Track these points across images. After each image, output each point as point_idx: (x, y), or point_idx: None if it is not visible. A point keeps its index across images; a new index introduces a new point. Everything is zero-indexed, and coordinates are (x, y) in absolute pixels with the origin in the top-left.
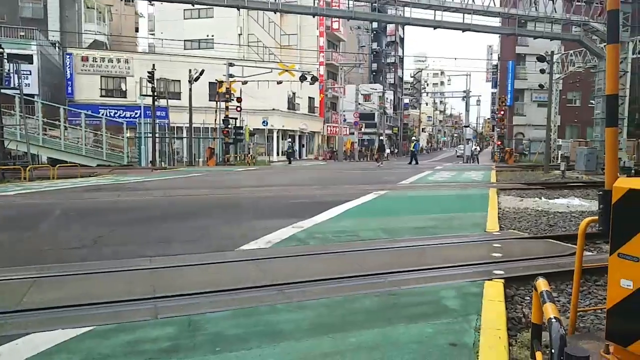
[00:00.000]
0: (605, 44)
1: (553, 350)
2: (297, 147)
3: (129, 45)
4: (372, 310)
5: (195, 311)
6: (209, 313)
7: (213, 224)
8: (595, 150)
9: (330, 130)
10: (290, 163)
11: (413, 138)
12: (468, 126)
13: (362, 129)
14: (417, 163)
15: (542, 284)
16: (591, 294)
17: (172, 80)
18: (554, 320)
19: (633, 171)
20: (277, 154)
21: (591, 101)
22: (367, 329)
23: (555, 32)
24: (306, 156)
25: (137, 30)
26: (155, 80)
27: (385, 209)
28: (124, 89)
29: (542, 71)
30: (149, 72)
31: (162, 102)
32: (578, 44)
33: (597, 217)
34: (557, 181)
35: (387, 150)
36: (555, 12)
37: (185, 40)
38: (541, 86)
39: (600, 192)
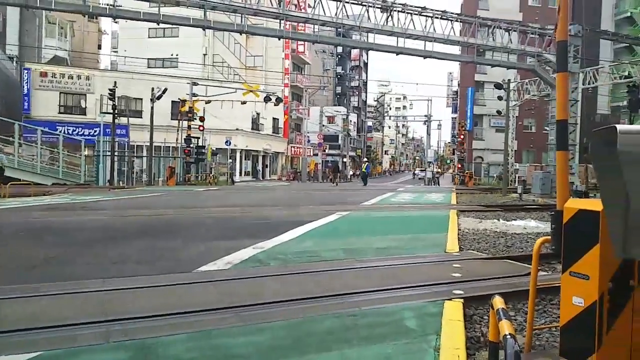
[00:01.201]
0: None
1: None
2: (260, 167)
3: (91, 62)
4: (331, 332)
5: (149, 335)
6: (163, 337)
7: (171, 244)
8: (550, 174)
9: (294, 151)
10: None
11: (364, 160)
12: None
13: (326, 151)
14: (365, 184)
15: (498, 302)
16: (546, 313)
17: (134, 98)
18: (509, 337)
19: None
20: (240, 174)
21: (545, 128)
22: (325, 351)
23: (511, 62)
24: (270, 176)
25: (99, 47)
26: (116, 98)
27: (348, 229)
28: (83, 106)
29: (500, 98)
30: (110, 90)
31: (123, 120)
32: (532, 73)
33: (550, 237)
34: (515, 204)
35: (350, 172)
36: (511, 42)
37: (149, 59)
38: (499, 112)
39: (552, 213)
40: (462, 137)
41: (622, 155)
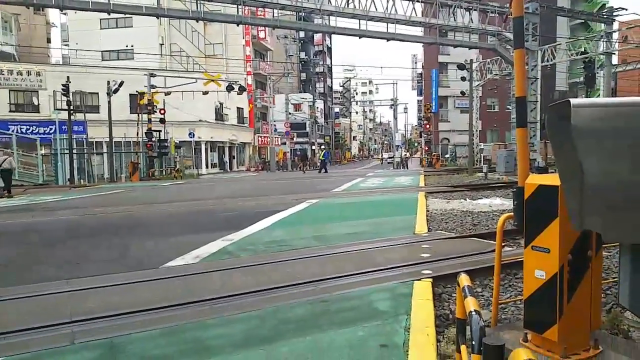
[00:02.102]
0: None
1: (474, 342)
2: (227, 159)
3: (41, 56)
4: (304, 319)
5: (116, 333)
6: (132, 334)
7: (136, 241)
8: (513, 152)
9: (261, 140)
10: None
11: (322, 147)
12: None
13: (294, 139)
14: (326, 172)
15: (464, 280)
16: (512, 287)
17: (90, 93)
18: (474, 313)
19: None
20: (206, 167)
21: (507, 106)
22: (299, 337)
23: (473, 42)
24: (237, 168)
25: (49, 41)
26: (70, 94)
27: (318, 217)
28: (36, 103)
29: (463, 79)
30: (63, 85)
31: (80, 116)
32: (494, 52)
33: (513, 214)
34: (481, 183)
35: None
36: (472, 22)
37: (102, 51)
38: (463, 93)
39: (514, 190)
40: (428, 119)
41: (576, 129)
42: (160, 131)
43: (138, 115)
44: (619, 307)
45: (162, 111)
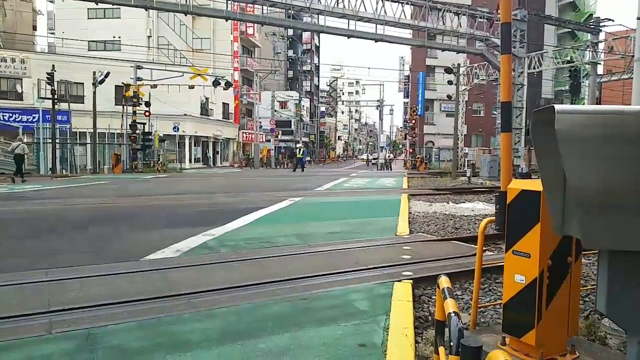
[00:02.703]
0: None
1: (452, 343)
2: (210, 154)
3: (26, 44)
4: (282, 316)
5: (94, 324)
6: (109, 325)
7: (117, 233)
8: (498, 157)
9: (246, 137)
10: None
11: (299, 145)
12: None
13: (279, 136)
14: (302, 170)
15: (444, 282)
16: (492, 291)
17: (75, 82)
18: (453, 314)
19: (527, 176)
20: (190, 161)
21: (493, 112)
22: (277, 334)
23: (461, 46)
24: (221, 163)
25: (35, 28)
26: (55, 83)
27: (300, 215)
28: (19, 91)
29: (450, 82)
30: (48, 74)
31: (64, 106)
32: (481, 57)
33: (494, 218)
34: (464, 187)
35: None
36: (461, 26)
37: (89, 41)
38: (449, 97)
39: (497, 194)
40: (413, 121)
41: (560, 134)
42: (144, 124)
43: (123, 107)
44: (596, 314)
45: (148, 104)
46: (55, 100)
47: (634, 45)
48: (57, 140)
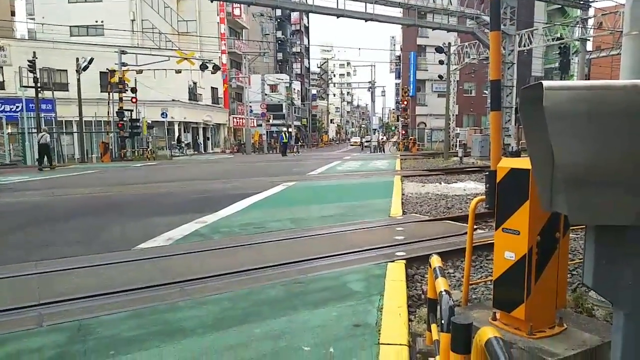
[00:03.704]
0: None
1: (443, 321)
2: (201, 140)
3: (4, 30)
4: (278, 300)
5: (86, 315)
6: (101, 316)
7: (107, 223)
8: (489, 137)
9: (237, 122)
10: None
11: (284, 129)
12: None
13: (270, 121)
14: (285, 155)
15: (435, 261)
16: (482, 268)
17: (58, 70)
18: (444, 293)
19: (517, 155)
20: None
21: (484, 91)
22: (272, 318)
23: (452, 24)
24: (212, 149)
25: (13, 14)
26: (37, 70)
27: (294, 199)
28: (0, 79)
29: (441, 62)
30: (29, 61)
31: (48, 94)
32: (472, 36)
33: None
34: (456, 167)
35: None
36: (451, 4)
37: (71, 26)
38: (440, 77)
39: (487, 173)
40: (405, 103)
41: (548, 111)
42: (132, 111)
43: (109, 94)
44: (583, 287)
45: (134, 90)
46: (39, 89)
47: (623, 21)
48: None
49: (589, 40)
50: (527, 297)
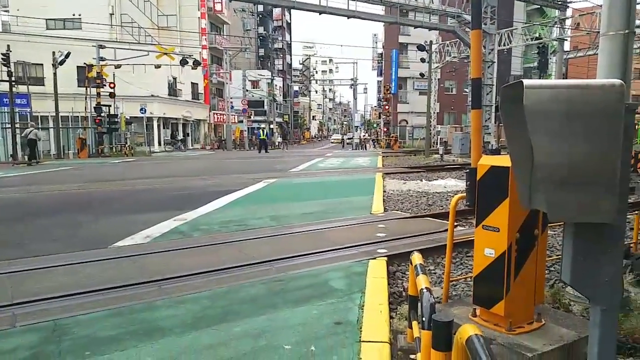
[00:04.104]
0: None
1: (424, 318)
2: (181, 136)
3: None
4: (258, 298)
5: (61, 315)
6: (77, 316)
7: (84, 220)
8: (469, 134)
9: (217, 118)
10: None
11: (262, 126)
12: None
13: (251, 117)
14: (267, 152)
15: (416, 258)
16: (463, 264)
17: (34, 64)
18: (425, 290)
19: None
20: (159, 144)
21: (465, 89)
22: (252, 317)
23: (433, 23)
24: (192, 145)
25: None
26: (12, 64)
27: (275, 196)
28: None
29: (423, 60)
30: (3, 54)
31: (22, 89)
32: (453, 35)
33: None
34: (437, 164)
35: (279, 139)
36: (433, 3)
37: (47, 19)
38: (422, 75)
39: (467, 170)
40: (387, 100)
41: (528, 109)
42: (110, 106)
43: (86, 89)
44: (561, 283)
45: (112, 85)
46: (13, 83)
47: (599, 21)
48: (17, 125)
49: (566, 40)
50: (506, 294)
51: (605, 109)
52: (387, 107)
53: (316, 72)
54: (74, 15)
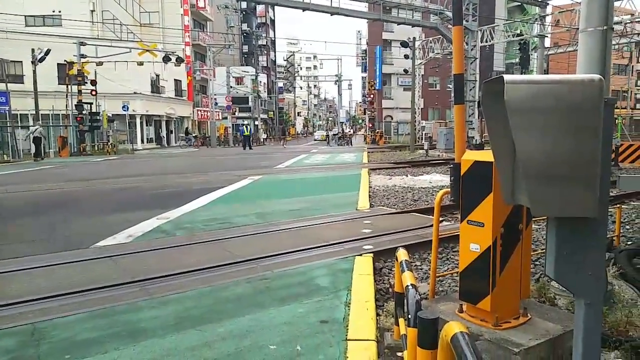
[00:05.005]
0: None
1: (410, 315)
2: (164, 134)
3: None
4: (243, 297)
5: (40, 318)
6: (57, 318)
7: (64, 220)
8: (453, 130)
9: (201, 114)
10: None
11: (246, 122)
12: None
13: (236, 114)
14: (250, 148)
15: (402, 255)
16: (449, 260)
17: (12, 61)
18: (410, 287)
19: (480, 147)
20: (142, 141)
21: (448, 85)
22: (237, 316)
23: (416, 20)
24: (176, 143)
25: None
26: None
27: (260, 193)
28: None
29: (406, 56)
30: None
31: (1, 86)
32: (436, 31)
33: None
34: (422, 159)
35: (264, 135)
36: (415, 0)
37: (26, 16)
38: (406, 71)
39: (451, 165)
40: (372, 96)
41: (509, 105)
42: (91, 104)
43: (67, 87)
44: (546, 277)
45: (94, 82)
46: None
47: (579, 18)
48: None
49: (547, 37)
50: (492, 289)
51: (585, 104)
52: (372, 102)
53: (301, 68)
54: (54, 12)
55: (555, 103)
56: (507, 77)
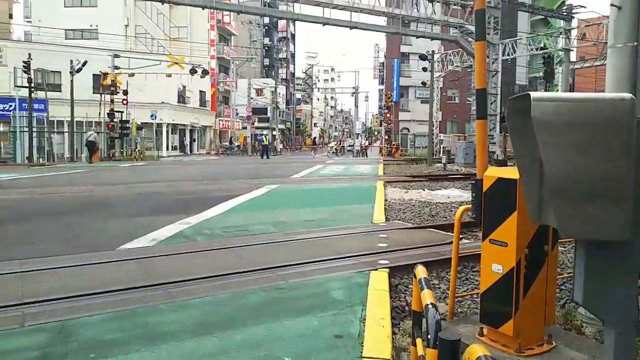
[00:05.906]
0: None
1: (429, 336)
2: (187, 142)
3: (2, 32)
4: (259, 306)
5: (68, 316)
6: (83, 317)
7: (93, 222)
8: (473, 144)
9: (223, 124)
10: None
11: (265, 132)
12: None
13: (255, 124)
14: (268, 157)
15: (420, 272)
16: (469, 280)
17: (52, 71)
18: (430, 306)
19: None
20: (167, 149)
21: (468, 98)
22: (253, 325)
23: (435, 33)
24: (198, 151)
25: (10, 16)
26: (32, 71)
27: (276, 202)
28: None
29: (425, 69)
30: (24, 62)
31: (41, 95)
32: (455, 44)
33: (471, 206)
34: (439, 173)
35: (280, 146)
36: (435, 13)
37: (66, 30)
38: (424, 84)
39: (473, 182)
40: (388, 108)
41: (536, 122)
42: (122, 112)
43: (101, 96)
44: (572, 303)
45: (125, 92)
46: (32, 89)
47: (607, 32)
48: (34, 129)
49: (572, 50)
50: (515, 313)
51: (616, 123)
52: (388, 115)
53: (318, 80)
54: (91, 26)
55: (584, 121)
56: (533, 94)
